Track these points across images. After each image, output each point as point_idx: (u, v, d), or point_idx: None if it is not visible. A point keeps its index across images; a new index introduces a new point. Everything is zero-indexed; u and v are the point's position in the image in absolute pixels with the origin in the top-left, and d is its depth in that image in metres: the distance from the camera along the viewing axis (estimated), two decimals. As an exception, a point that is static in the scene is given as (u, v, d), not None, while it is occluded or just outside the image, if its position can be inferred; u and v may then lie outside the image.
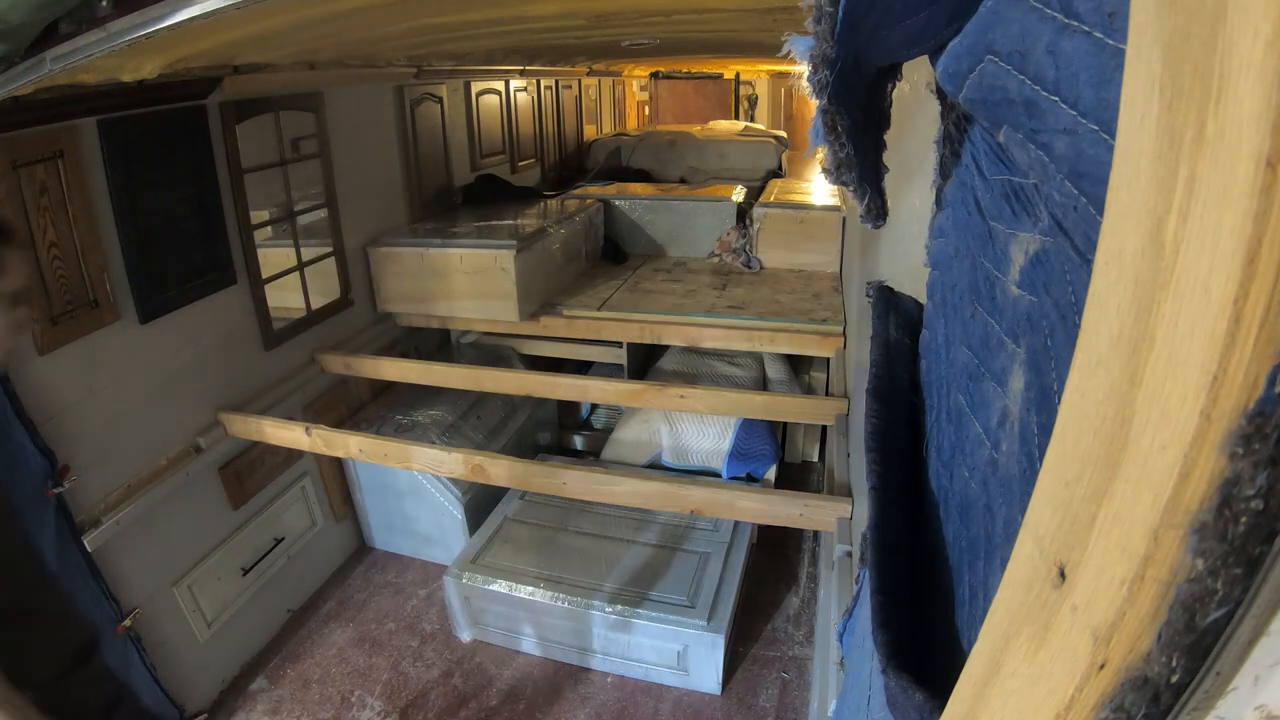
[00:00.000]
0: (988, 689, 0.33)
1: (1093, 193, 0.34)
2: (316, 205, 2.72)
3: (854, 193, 0.69)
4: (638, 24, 2.00)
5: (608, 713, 2.21)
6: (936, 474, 0.70)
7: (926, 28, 0.50)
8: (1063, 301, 0.41)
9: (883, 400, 0.80)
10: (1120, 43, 0.30)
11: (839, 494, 1.79)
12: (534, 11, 1.57)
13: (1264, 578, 0.22)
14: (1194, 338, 0.21)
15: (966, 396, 0.61)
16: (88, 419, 1.84)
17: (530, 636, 2.40)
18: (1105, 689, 0.25)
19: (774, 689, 2.26)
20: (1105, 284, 0.26)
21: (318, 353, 2.69)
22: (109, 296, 1.86)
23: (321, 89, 2.61)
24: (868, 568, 0.66)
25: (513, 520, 2.63)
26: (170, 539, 2.11)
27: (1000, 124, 0.45)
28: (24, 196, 1.63)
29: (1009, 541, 0.34)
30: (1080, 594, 0.26)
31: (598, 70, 5.61)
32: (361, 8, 1.26)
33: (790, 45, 0.57)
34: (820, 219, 3.22)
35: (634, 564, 2.39)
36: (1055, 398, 0.41)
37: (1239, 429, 0.20)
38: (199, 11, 0.95)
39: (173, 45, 1.38)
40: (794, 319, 2.64)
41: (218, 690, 2.30)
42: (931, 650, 0.57)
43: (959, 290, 0.65)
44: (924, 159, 0.82)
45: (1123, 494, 0.24)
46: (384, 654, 2.46)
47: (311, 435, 2.11)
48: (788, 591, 2.65)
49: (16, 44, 1.10)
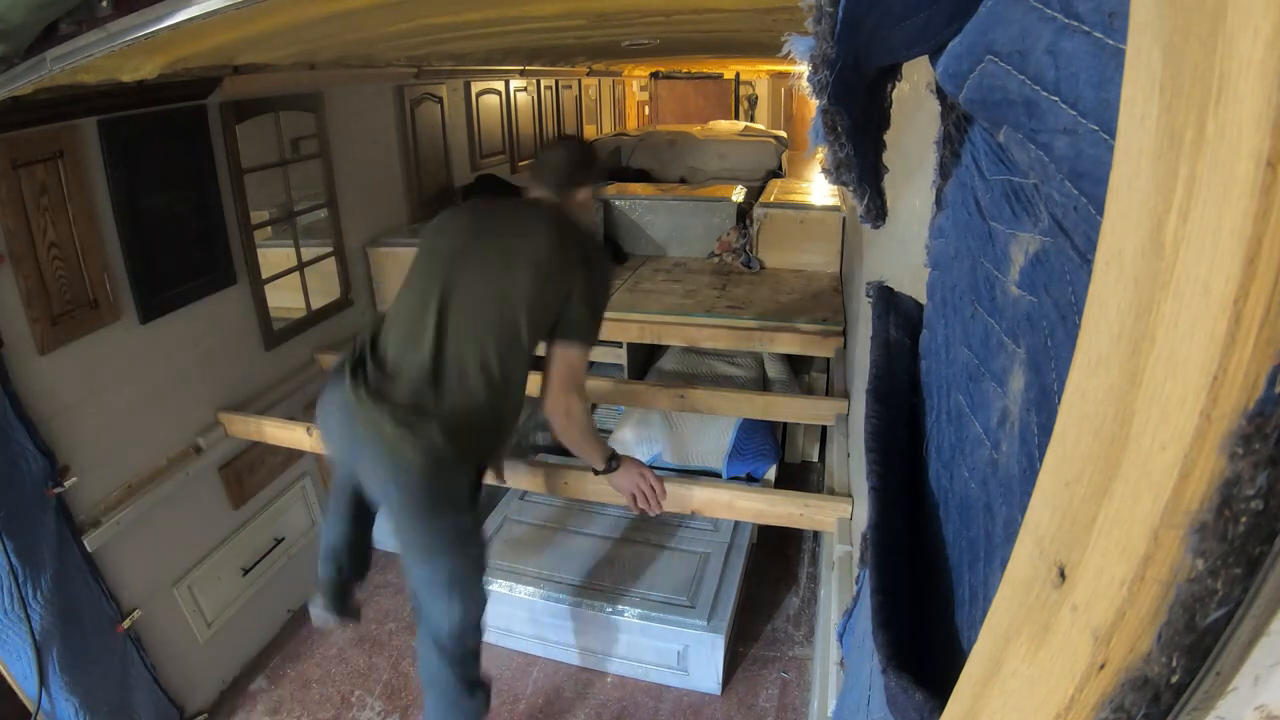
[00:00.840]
0: (988, 689, 0.33)
1: (1093, 193, 0.34)
2: (316, 205, 2.73)
3: (854, 193, 0.69)
4: (638, 24, 2.00)
5: (608, 713, 2.21)
6: (936, 474, 0.70)
7: (926, 28, 0.50)
8: (1063, 301, 0.41)
9: (883, 400, 0.80)
10: (1120, 43, 0.30)
11: (839, 494, 1.79)
12: (534, 11, 1.57)
13: (1264, 578, 0.22)
14: (1194, 338, 0.21)
15: (966, 397, 0.61)
16: (88, 419, 1.84)
17: (530, 636, 2.40)
18: (1105, 689, 0.25)
19: (774, 689, 2.26)
20: (1105, 284, 0.26)
21: (318, 353, 2.69)
22: (109, 296, 1.86)
23: (321, 89, 2.61)
24: (868, 568, 0.66)
25: (513, 520, 2.63)
26: (170, 539, 2.11)
27: (1000, 124, 0.45)
28: (24, 196, 1.63)
29: (1009, 541, 0.34)
30: (1080, 594, 0.26)
31: (598, 70, 5.61)
32: (361, 8, 1.26)
33: (790, 45, 0.57)
34: (820, 219, 3.22)
35: (634, 564, 2.39)
36: (1055, 398, 0.41)
37: (1239, 429, 0.20)
38: (199, 11, 0.95)
39: (173, 45, 1.38)
40: (794, 319, 2.64)
41: (218, 690, 2.30)
42: (931, 650, 0.57)
43: (959, 290, 0.65)
44: (924, 159, 0.82)
45: (1123, 494, 0.24)
46: (384, 654, 2.46)
47: (312, 435, 2.11)
48: (788, 591, 2.65)
49: (16, 44, 1.10)
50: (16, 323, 1.65)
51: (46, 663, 1.69)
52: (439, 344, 1.47)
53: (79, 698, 1.77)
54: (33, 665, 1.67)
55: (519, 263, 1.50)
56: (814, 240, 3.23)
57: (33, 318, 1.68)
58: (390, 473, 1.44)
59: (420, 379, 1.45)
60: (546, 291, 1.50)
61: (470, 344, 1.48)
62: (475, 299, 1.50)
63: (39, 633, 1.67)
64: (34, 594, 1.66)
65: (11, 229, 1.61)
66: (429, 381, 1.45)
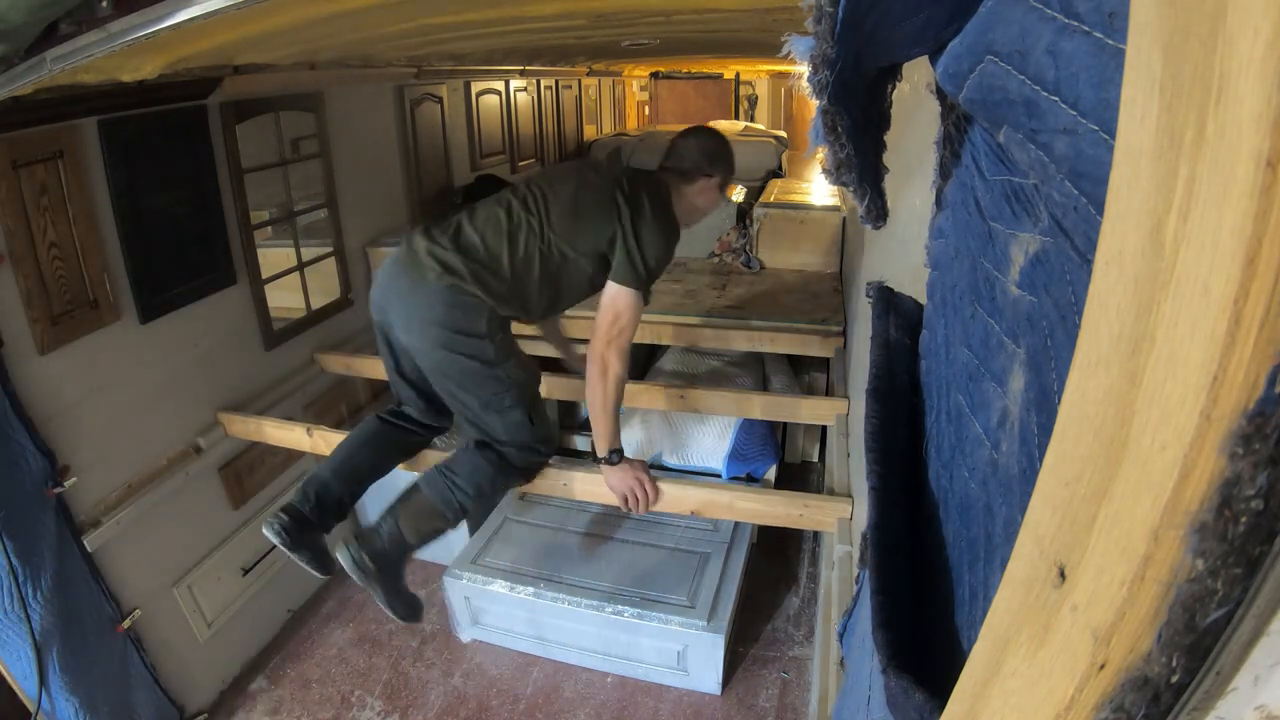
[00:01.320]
0: (988, 689, 0.33)
1: (1093, 193, 0.34)
2: (316, 205, 2.73)
3: (854, 193, 0.69)
4: (638, 24, 2.00)
5: (608, 713, 2.21)
6: (936, 474, 0.70)
7: (926, 28, 0.50)
8: (1063, 301, 0.41)
9: (883, 400, 0.80)
10: (1120, 43, 0.30)
11: (839, 494, 1.79)
12: (534, 11, 1.57)
13: (1264, 578, 0.22)
14: (1194, 338, 0.21)
15: (966, 397, 0.61)
16: (88, 419, 1.84)
17: (530, 636, 2.40)
18: (1105, 689, 0.25)
19: (774, 689, 2.26)
20: (1105, 284, 0.26)
21: (318, 353, 2.69)
22: (109, 296, 1.86)
23: (321, 89, 2.61)
24: (868, 568, 0.66)
25: (513, 520, 2.63)
26: (170, 539, 2.11)
27: (1000, 124, 0.45)
28: (24, 196, 1.63)
29: (1009, 541, 0.34)
30: (1080, 594, 0.26)
31: (598, 70, 5.61)
32: (361, 8, 1.26)
33: (790, 45, 0.57)
34: (820, 219, 3.22)
35: (634, 564, 2.39)
36: (1055, 398, 0.41)
37: (1239, 429, 0.20)
38: (199, 11, 0.95)
39: (173, 45, 1.38)
40: (794, 319, 2.64)
41: (218, 690, 2.30)
42: (931, 650, 0.57)
43: (959, 291, 0.65)
44: (924, 159, 0.82)
45: (1123, 494, 0.24)
46: (384, 654, 2.46)
47: (312, 435, 2.11)
48: (788, 591, 2.65)
49: (16, 44, 1.10)
50: (16, 323, 1.65)
51: (46, 663, 1.69)
52: (490, 232, 1.67)
53: (79, 698, 1.77)
54: (33, 665, 1.67)
55: (577, 194, 1.71)
56: (814, 240, 3.23)
57: (33, 318, 1.68)
58: (414, 296, 1.62)
59: (468, 249, 1.64)
60: (586, 221, 1.68)
61: (517, 239, 1.66)
62: (535, 214, 1.69)
63: (39, 633, 1.67)
64: (34, 594, 1.66)
65: (11, 229, 1.61)
66: (475, 253, 1.64)
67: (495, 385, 1.68)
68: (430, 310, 1.61)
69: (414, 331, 1.65)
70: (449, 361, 1.65)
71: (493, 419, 1.72)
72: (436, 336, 1.62)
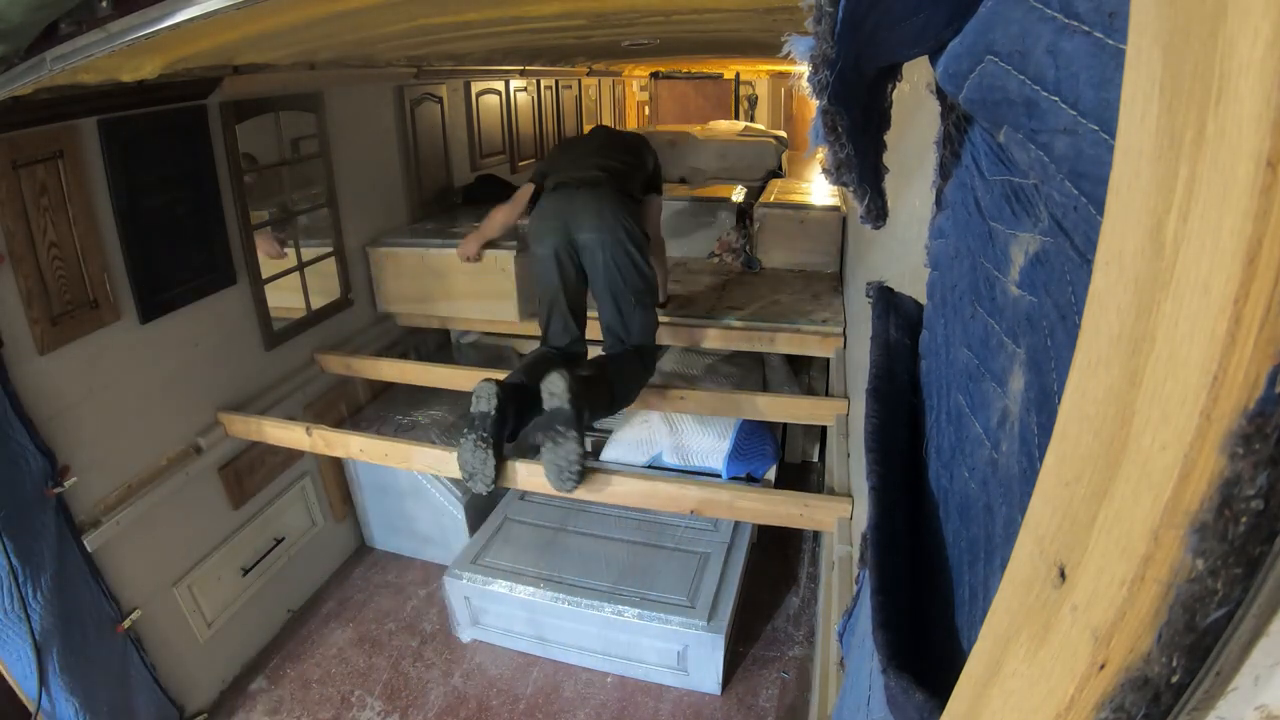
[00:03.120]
0: (988, 689, 0.33)
1: (1093, 193, 0.34)
2: (317, 205, 2.73)
3: (854, 193, 0.69)
4: (638, 24, 2.00)
5: (608, 713, 2.21)
6: (936, 474, 0.70)
7: (926, 28, 0.50)
8: (1063, 301, 0.41)
9: (883, 400, 0.80)
10: (1120, 43, 0.30)
11: (839, 494, 1.79)
12: (534, 11, 1.57)
13: (1264, 578, 0.22)
14: (1194, 338, 0.21)
15: (966, 397, 0.61)
16: (88, 419, 1.84)
17: (530, 636, 2.40)
18: (1105, 689, 0.25)
19: (774, 689, 2.26)
20: (1105, 284, 0.26)
21: (318, 353, 2.69)
22: (109, 296, 1.86)
23: (321, 89, 2.61)
24: (868, 568, 0.66)
25: (513, 520, 2.63)
26: (170, 539, 2.11)
27: (1000, 124, 0.45)
28: (24, 196, 1.63)
29: (1009, 541, 0.34)
30: (1080, 594, 0.26)
31: (598, 70, 5.61)
32: (361, 8, 1.26)
33: (790, 45, 0.57)
34: (820, 219, 3.22)
35: (634, 564, 2.39)
36: (1055, 398, 0.41)
37: (1239, 429, 0.20)
38: (199, 11, 0.95)
39: (173, 45, 1.38)
40: (794, 319, 2.64)
41: (218, 690, 2.30)
42: (931, 650, 0.57)
43: (959, 291, 0.65)
44: (924, 159, 0.82)
45: (1123, 494, 0.24)
46: (384, 654, 2.46)
47: (312, 435, 2.11)
48: (788, 591, 2.65)
49: (16, 44, 1.10)
50: (16, 323, 1.65)
51: (46, 663, 1.69)
52: (594, 166, 2.25)
53: (79, 698, 1.77)
54: (33, 665, 1.67)
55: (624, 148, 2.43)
56: (814, 240, 3.23)
57: (33, 318, 1.67)
58: (600, 202, 2.13)
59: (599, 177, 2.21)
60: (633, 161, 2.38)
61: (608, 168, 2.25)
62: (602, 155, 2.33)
63: (39, 633, 1.67)
64: (34, 594, 1.66)
65: (11, 229, 1.61)
66: (602, 179, 2.20)
67: (646, 282, 2.18)
68: (615, 214, 2.10)
69: (604, 230, 2.10)
70: (625, 258, 2.12)
71: (638, 316, 2.18)
72: (628, 231, 2.10)
